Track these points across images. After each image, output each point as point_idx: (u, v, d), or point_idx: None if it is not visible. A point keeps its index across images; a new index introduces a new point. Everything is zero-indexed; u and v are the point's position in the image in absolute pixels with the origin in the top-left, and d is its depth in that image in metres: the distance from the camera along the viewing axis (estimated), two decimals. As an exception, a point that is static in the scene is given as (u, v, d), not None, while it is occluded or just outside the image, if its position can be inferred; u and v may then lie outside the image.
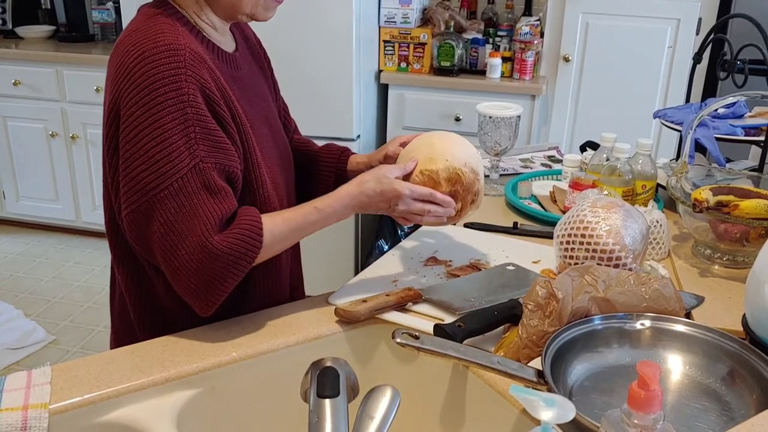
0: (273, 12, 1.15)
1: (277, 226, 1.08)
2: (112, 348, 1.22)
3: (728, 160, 1.75)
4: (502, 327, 1.09)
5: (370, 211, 1.15)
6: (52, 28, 3.92)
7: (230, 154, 1.06)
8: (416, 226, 1.36)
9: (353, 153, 1.42)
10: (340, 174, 1.40)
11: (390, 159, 1.31)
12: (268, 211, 1.13)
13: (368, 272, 1.30)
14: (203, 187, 1.02)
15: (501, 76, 3.14)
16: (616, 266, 1.16)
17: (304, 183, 1.40)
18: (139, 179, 1.01)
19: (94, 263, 3.55)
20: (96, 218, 3.70)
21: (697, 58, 1.86)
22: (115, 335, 1.26)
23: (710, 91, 3.06)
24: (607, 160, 1.55)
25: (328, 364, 0.83)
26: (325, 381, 0.81)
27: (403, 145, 1.29)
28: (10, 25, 3.90)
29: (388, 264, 1.33)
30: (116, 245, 1.15)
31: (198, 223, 1.00)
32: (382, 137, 3.34)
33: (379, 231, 3.09)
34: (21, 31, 3.84)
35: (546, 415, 0.67)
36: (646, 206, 1.48)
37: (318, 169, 1.41)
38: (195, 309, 1.06)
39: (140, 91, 1.00)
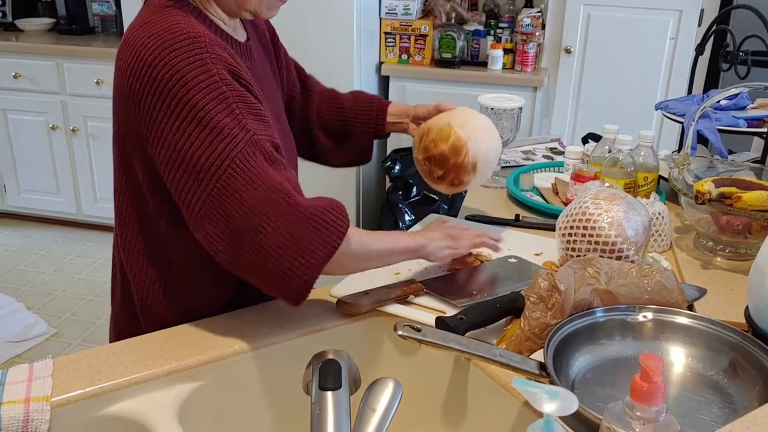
0: (276, 11, 1.14)
1: (356, 230, 1.05)
2: (111, 340, 1.22)
3: (730, 152, 1.74)
4: (504, 320, 1.09)
5: (433, 241, 1.17)
6: (52, 20, 3.91)
7: (272, 128, 1.03)
8: (417, 218, 1.36)
9: (386, 107, 1.43)
10: (379, 134, 1.43)
11: (420, 120, 1.37)
12: None
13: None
14: (265, 158, 0.96)
15: (502, 68, 3.13)
16: (619, 258, 1.16)
17: (337, 145, 1.43)
18: (197, 170, 0.95)
19: (96, 256, 3.55)
20: (97, 211, 3.70)
21: (699, 50, 1.86)
22: (116, 325, 1.25)
23: (712, 82, 3.05)
24: (609, 152, 1.54)
25: (330, 356, 0.83)
26: (327, 373, 0.81)
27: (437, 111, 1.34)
28: (10, 18, 3.89)
29: (390, 256, 1.33)
30: (128, 240, 1.13)
31: (274, 193, 0.94)
32: (383, 130, 3.33)
33: (381, 223, 3.09)
34: (21, 23, 3.83)
35: (548, 407, 0.66)
36: (648, 198, 1.48)
37: (354, 133, 1.42)
38: (286, 297, 0.98)
39: (167, 84, 0.95)
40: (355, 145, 1.43)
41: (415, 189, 3.00)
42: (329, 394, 0.78)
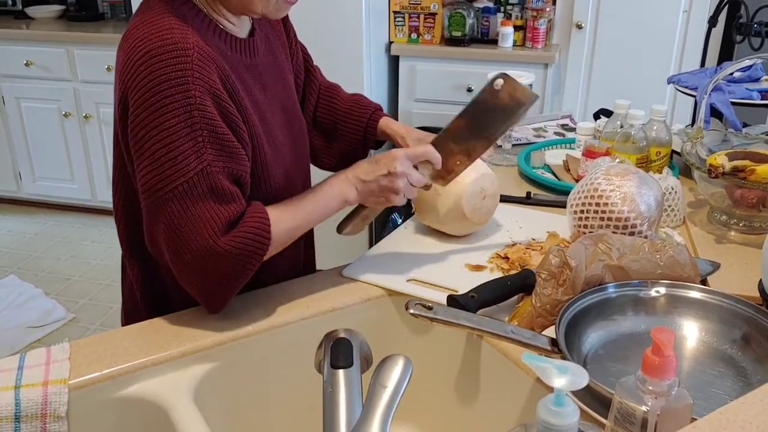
0: (285, 12, 1.12)
1: (281, 217, 1.06)
2: (122, 326, 1.23)
3: (744, 125, 1.72)
4: (515, 297, 1.09)
5: (371, 186, 1.11)
6: (62, 7, 3.91)
7: (239, 158, 1.04)
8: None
9: (378, 120, 1.38)
10: (368, 144, 1.40)
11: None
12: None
13: (382, 245, 1.30)
14: (210, 191, 0.99)
15: (513, 45, 3.10)
16: (631, 234, 1.16)
17: (329, 142, 1.40)
18: (146, 179, 0.99)
19: (111, 241, 3.58)
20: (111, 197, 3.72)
21: (712, 22, 1.83)
22: (125, 315, 1.27)
23: (726, 55, 3.01)
24: (621, 127, 1.53)
25: (342, 335, 0.84)
26: (339, 352, 0.81)
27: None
28: (20, 6, 3.90)
29: (402, 237, 1.33)
30: (124, 232, 1.16)
31: (204, 227, 0.98)
32: (393, 110, 3.32)
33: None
34: (31, 11, 3.84)
35: (558, 381, 0.66)
36: (661, 173, 1.46)
37: (341, 135, 1.40)
38: (205, 308, 1.07)
39: (146, 92, 0.97)
40: (344, 148, 1.40)
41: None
42: (341, 372, 0.79)
